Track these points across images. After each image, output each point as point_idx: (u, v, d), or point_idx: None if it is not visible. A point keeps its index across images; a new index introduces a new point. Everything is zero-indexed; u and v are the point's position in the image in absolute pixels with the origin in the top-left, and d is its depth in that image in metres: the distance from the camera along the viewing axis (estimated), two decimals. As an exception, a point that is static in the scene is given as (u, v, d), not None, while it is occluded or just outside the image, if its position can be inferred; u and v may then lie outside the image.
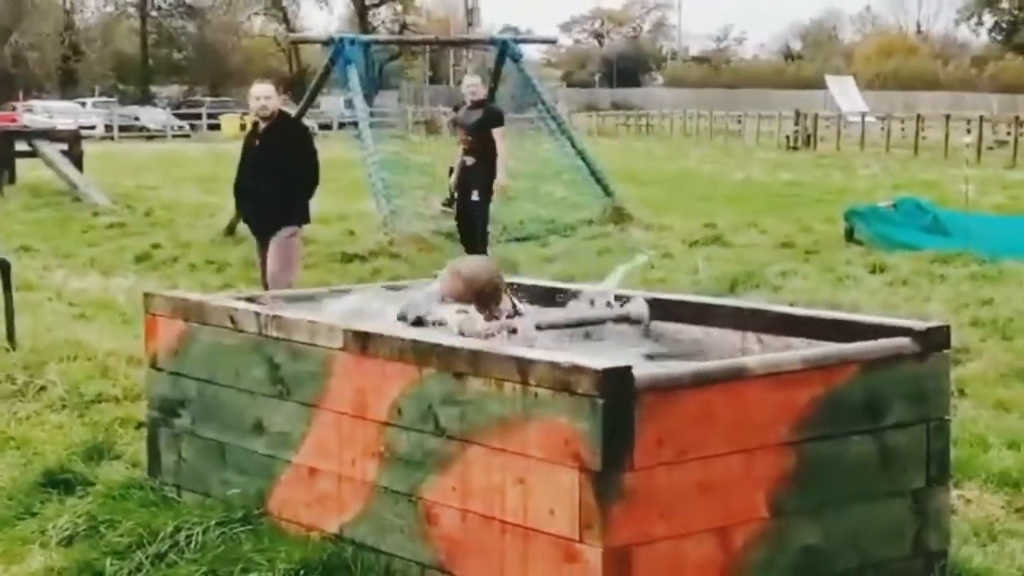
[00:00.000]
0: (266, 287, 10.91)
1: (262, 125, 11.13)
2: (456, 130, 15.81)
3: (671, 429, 4.62)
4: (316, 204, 22.66)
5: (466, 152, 15.58)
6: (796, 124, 51.27)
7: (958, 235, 16.38)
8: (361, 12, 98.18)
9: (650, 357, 5.82)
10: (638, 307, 6.33)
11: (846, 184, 30.01)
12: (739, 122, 59.77)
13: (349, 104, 20.64)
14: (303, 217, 11.27)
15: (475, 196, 15.49)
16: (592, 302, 6.45)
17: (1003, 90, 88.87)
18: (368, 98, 20.48)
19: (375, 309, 6.09)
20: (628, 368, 4.56)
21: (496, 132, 15.56)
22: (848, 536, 5.08)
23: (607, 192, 20.42)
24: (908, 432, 5.23)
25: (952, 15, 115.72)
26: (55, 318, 11.55)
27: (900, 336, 5.33)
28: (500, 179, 15.56)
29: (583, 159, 20.77)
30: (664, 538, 4.63)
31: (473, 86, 15.98)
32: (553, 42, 37.98)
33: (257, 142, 11.15)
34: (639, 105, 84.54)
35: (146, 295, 6.66)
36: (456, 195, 16.13)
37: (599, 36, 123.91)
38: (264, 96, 11.01)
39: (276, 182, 10.87)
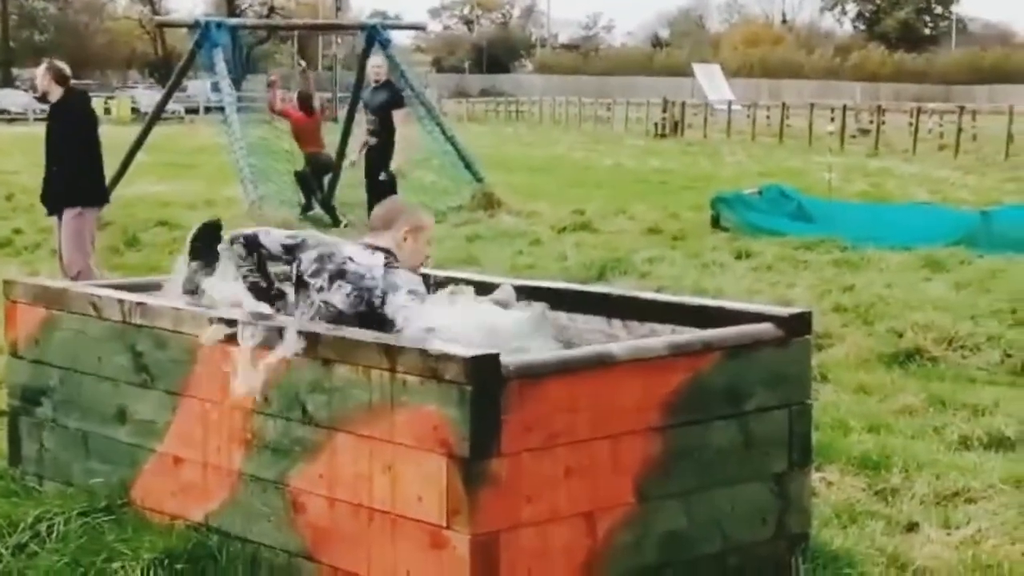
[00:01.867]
0: (61, 270, 10.83)
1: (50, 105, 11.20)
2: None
3: (538, 415, 4.64)
4: (184, 190, 22.35)
5: (370, 132, 15.90)
6: (664, 112, 51.74)
7: (821, 222, 16.68)
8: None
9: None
10: (505, 293, 6.34)
11: (713, 171, 30.36)
12: (608, 109, 60.17)
13: (216, 88, 20.43)
14: (88, 196, 11.08)
15: (383, 176, 15.75)
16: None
17: (866, 79, 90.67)
18: (236, 82, 20.29)
19: None
20: (495, 355, 4.57)
21: (398, 114, 15.87)
22: (712, 520, 5.14)
23: (477, 178, 20.45)
24: (771, 417, 5.31)
25: (817, 4, 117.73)
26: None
27: (763, 322, 5.41)
28: (397, 159, 15.83)
29: (453, 145, 20.77)
30: (531, 523, 4.65)
31: (378, 67, 16.28)
32: (422, 28, 37.82)
33: (47, 122, 11.20)
34: (509, 92, 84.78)
35: (6, 282, 6.53)
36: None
37: (469, 22, 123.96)
38: (40, 76, 11.06)
39: (58, 162, 10.87)
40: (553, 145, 41.81)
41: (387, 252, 5.55)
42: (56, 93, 11.00)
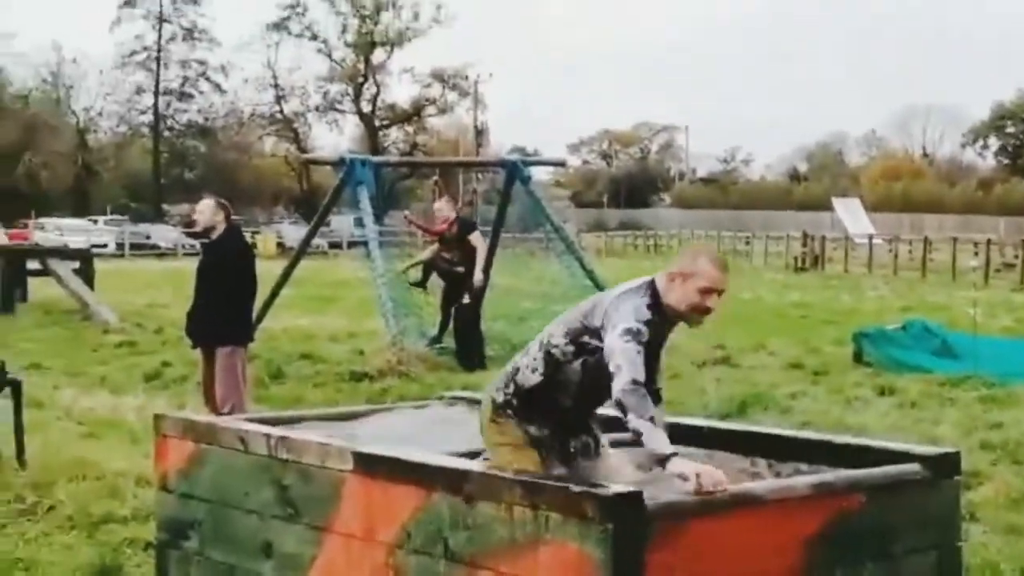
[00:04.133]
0: (208, 402, 10.98)
1: (207, 241, 11.42)
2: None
3: (681, 556, 4.60)
4: (327, 323, 22.65)
5: (456, 264, 17.99)
6: (804, 245, 51.54)
7: (967, 358, 16.39)
8: (372, 132, 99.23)
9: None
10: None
11: (854, 305, 30.07)
12: (747, 243, 60.07)
13: (359, 223, 20.78)
14: (242, 335, 11.29)
15: (465, 299, 17.75)
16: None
17: (1010, 213, 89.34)
18: (378, 217, 20.60)
19: None
20: (639, 493, 4.56)
21: (472, 237, 17.88)
22: (860, 664, 5.03)
23: (616, 312, 20.45)
24: (919, 559, 5.21)
25: (958, 139, 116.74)
26: (64, 437, 11.54)
27: (910, 462, 5.33)
28: (477, 276, 17.82)
29: (591, 279, 20.83)
30: (674, 666, 4.59)
31: (440, 209, 18.46)
32: (562, 164, 38.31)
33: (202, 257, 11.37)
34: (647, 225, 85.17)
35: (156, 416, 6.67)
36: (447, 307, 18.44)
37: (607, 157, 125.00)
38: (199, 212, 11.23)
39: (214, 298, 11.00)
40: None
41: (650, 284, 5.33)
42: (220, 229, 11.24)
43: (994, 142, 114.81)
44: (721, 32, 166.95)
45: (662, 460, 4.88)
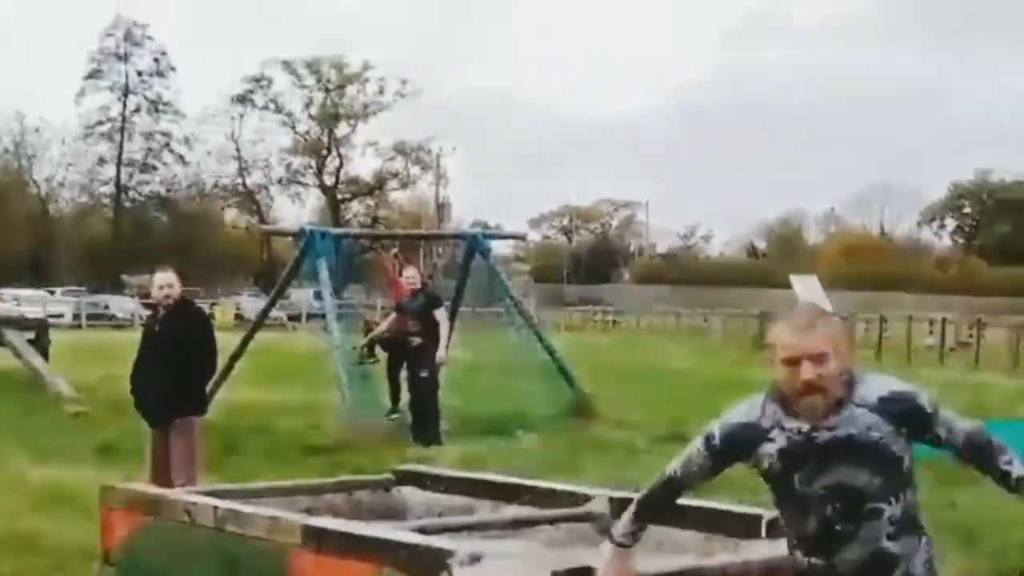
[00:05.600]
0: (154, 481, 10.74)
1: (161, 312, 11.12)
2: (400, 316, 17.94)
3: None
4: (283, 396, 22.48)
5: (412, 334, 17.29)
6: (761, 324, 51.64)
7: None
8: (334, 205, 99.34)
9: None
10: (600, 505, 6.28)
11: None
12: (705, 320, 60.26)
13: (318, 296, 20.74)
14: (201, 406, 11.19)
15: (424, 373, 17.15)
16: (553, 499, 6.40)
17: (966, 292, 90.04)
18: (338, 291, 20.55)
19: None
20: (588, 569, 4.51)
21: (437, 313, 17.34)
22: None
23: (573, 387, 20.43)
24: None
25: (915, 218, 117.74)
26: (12, 510, 11.36)
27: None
28: (440, 354, 17.21)
29: (550, 354, 20.82)
30: None
31: (411, 277, 17.81)
32: (522, 238, 38.42)
33: (157, 328, 11.15)
34: (607, 300, 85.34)
35: (103, 488, 6.57)
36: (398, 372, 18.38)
37: (568, 232, 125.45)
38: (167, 284, 10.98)
39: (174, 370, 10.82)
40: (650, 355, 41.80)
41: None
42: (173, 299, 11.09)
43: (951, 222, 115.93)
44: (680, 112, 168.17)
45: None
